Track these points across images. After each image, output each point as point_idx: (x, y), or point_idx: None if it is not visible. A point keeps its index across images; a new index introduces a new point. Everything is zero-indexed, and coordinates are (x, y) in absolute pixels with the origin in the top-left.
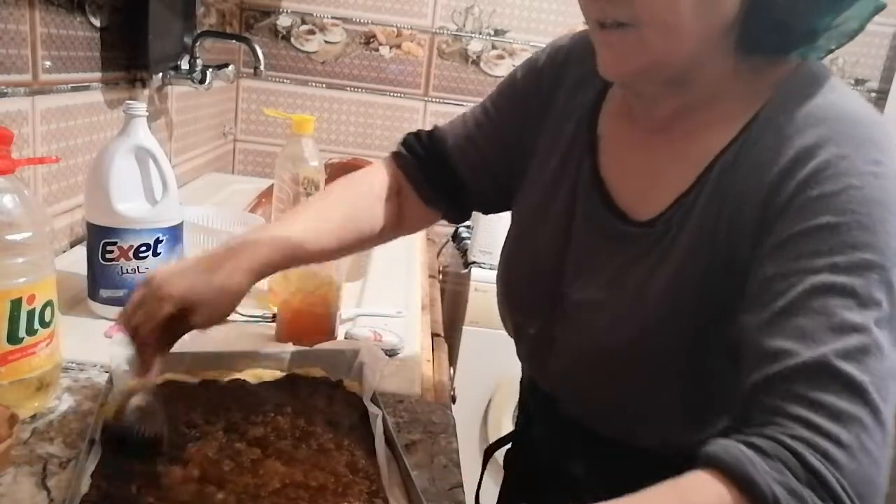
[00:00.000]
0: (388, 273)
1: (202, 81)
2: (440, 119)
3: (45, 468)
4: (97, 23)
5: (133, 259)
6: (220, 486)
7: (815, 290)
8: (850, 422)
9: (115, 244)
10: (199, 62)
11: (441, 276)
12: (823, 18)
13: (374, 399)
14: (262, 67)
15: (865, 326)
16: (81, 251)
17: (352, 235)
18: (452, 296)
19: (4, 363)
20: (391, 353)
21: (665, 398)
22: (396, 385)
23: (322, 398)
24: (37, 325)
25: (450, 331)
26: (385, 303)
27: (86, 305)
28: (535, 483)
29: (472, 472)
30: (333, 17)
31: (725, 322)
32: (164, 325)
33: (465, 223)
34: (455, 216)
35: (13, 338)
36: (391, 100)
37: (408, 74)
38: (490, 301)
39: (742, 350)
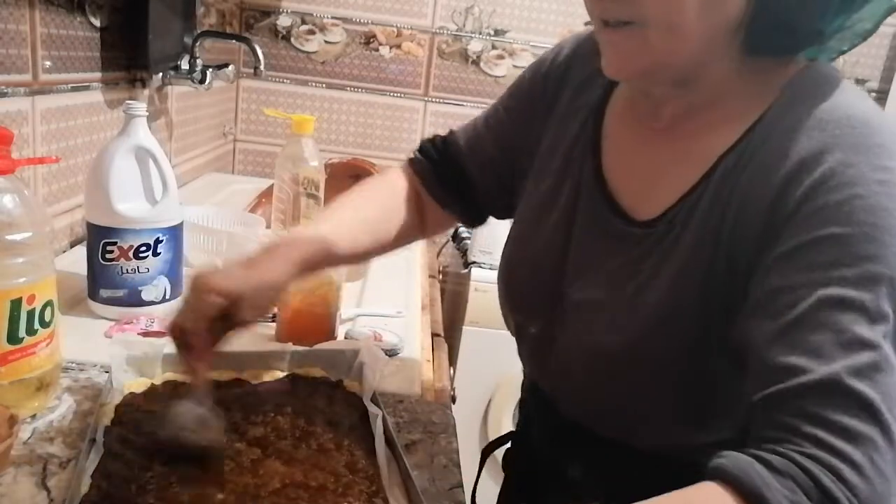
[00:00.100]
0: (388, 273)
1: (202, 81)
2: (440, 119)
3: (45, 468)
4: (97, 23)
5: (133, 259)
6: (220, 486)
7: (824, 304)
8: (862, 441)
9: (115, 244)
10: (199, 62)
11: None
12: (831, 19)
13: (374, 399)
14: (262, 67)
15: (876, 342)
16: (81, 251)
17: (383, 237)
18: (452, 296)
19: (4, 363)
20: (391, 353)
21: (665, 399)
22: (396, 385)
23: (322, 398)
24: (37, 325)
25: (450, 331)
26: (385, 303)
27: (86, 305)
28: (535, 484)
29: (472, 472)
30: (333, 17)
31: (728, 324)
32: (212, 322)
33: None
34: (470, 219)
35: (13, 338)
36: (391, 100)
37: (408, 74)
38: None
39: (749, 361)
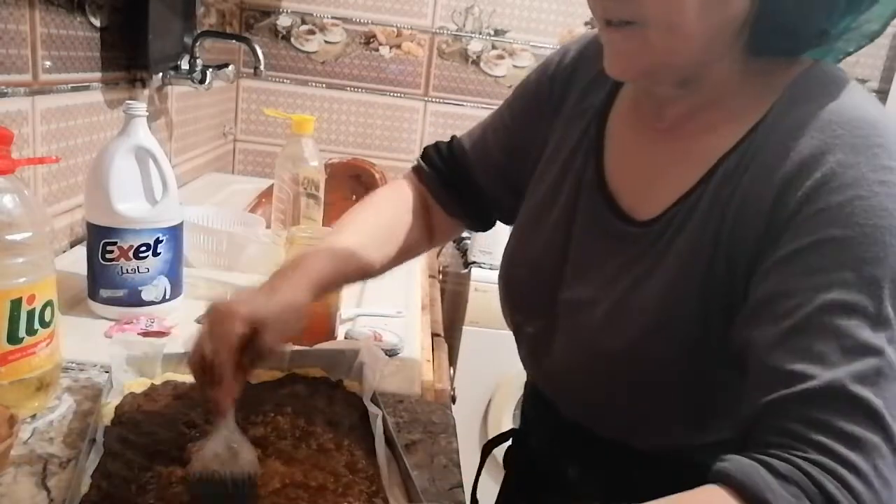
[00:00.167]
0: (389, 273)
1: (202, 81)
2: (440, 119)
3: (45, 468)
4: (97, 23)
5: (133, 259)
6: None
7: (826, 309)
8: (867, 449)
9: (115, 244)
10: (199, 62)
11: (441, 276)
12: (837, 20)
13: (374, 399)
14: (262, 67)
15: (879, 348)
16: (81, 251)
17: (394, 251)
18: (452, 296)
19: (4, 363)
20: (391, 353)
21: (665, 399)
22: (396, 385)
23: (322, 398)
24: (37, 325)
25: (450, 331)
26: (385, 303)
27: (86, 305)
28: (535, 483)
29: (472, 473)
30: (333, 17)
31: (728, 324)
32: (237, 351)
33: None
34: (478, 225)
35: (13, 338)
36: (391, 100)
37: (408, 74)
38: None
39: (750, 365)
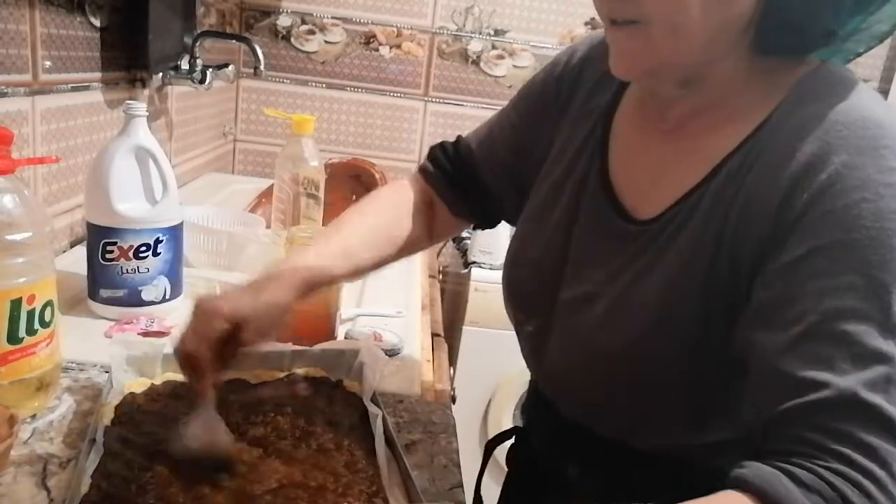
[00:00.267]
0: (388, 273)
1: (202, 81)
2: (440, 119)
3: (45, 468)
4: (97, 23)
5: (133, 259)
6: (220, 486)
7: (834, 315)
8: (884, 458)
9: (115, 244)
10: (199, 62)
11: (441, 276)
12: (845, 20)
13: (374, 399)
14: (262, 67)
15: (889, 354)
16: (81, 251)
17: (389, 249)
18: (452, 296)
19: (4, 363)
20: (391, 353)
21: (665, 399)
22: (396, 385)
23: (322, 398)
24: (37, 325)
25: (450, 331)
26: (385, 303)
27: (86, 305)
28: (535, 482)
29: (473, 472)
30: (333, 17)
31: (730, 325)
32: (218, 345)
33: None
34: (483, 223)
35: (13, 338)
36: (391, 100)
37: (408, 74)
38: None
39: (756, 370)
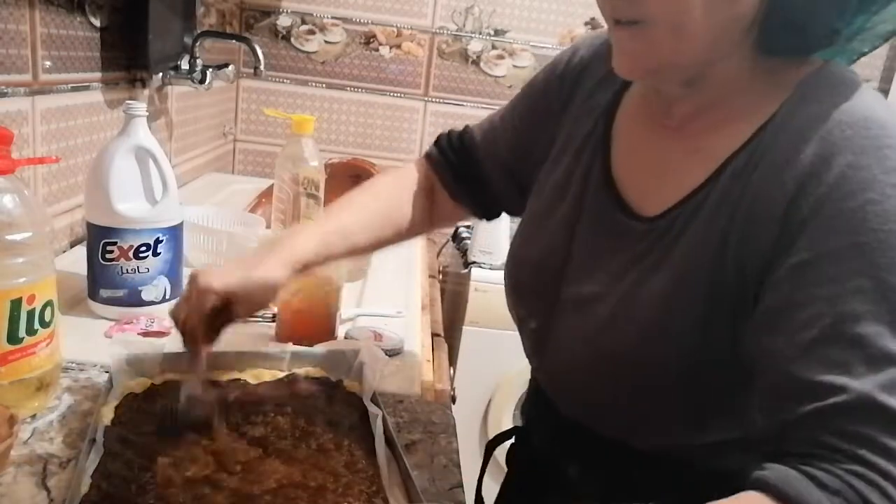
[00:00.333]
0: (388, 273)
1: (202, 81)
2: (440, 119)
3: (45, 468)
4: (97, 23)
5: (133, 259)
6: (220, 486)
7: (846, 319)
8: None
9: (115, 244)
10: (199, 62)
11: (441, 276)
12: (849, 20)
13: (374, 399)
14: (262, 67)
15: None
16: (81, 251)
17: (387, 231)
18: (452, 296)
19: (4, 363)
20: (391, 353)
21: (666, 399)
22: (396, 385)
23: (322, 398)
24: (37, 325)
25: (450, 331)
26: (385, 303)
27: (86, 305)
28: (535, 482)
29: (472, 472)
30: (333, 17)
31: (735, 326)
32: (210, 317)
33: (465, 224)
34: (482, 213)
35: (13, 338)
36: (391, 100)
37: (408, 74)
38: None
39: (768, 375)
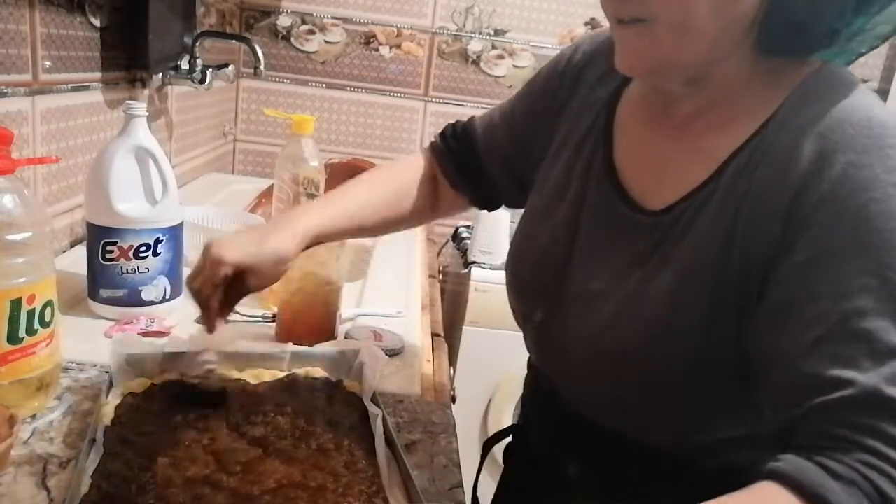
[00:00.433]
0: (388, 273)
1: (202, 81)
2: (440, 119)
3: (45, 468)
4: (97, 23)
5: (133, 259)
6: (220, 486)
7: (852, 315)
8: None
9: (115, 244)
10: (199, 62)
11: (441, 276)
12: (849, 20)
13: (374, 399)
14: (262, 67)
15: None
16: (81, 251)
17: (394, 214)
18: (452, 296)
19: (4, 363)
20: (391, 353)
21: (670, 396)
22: (396, 385)
23: (322, 398)
24: (37, 325)
25: (450, 331)
26: (385, 303)
27: (86, 305)
28: (534, 480)
29: (473, 472)
30: (333, 17)
31: (740, 323)
32: (224, 287)
33: (465, 223)
34: (482, 204)
35: (13, 338)
36: (391, 100)
37: (408, 74)
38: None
39: (778, 372)
